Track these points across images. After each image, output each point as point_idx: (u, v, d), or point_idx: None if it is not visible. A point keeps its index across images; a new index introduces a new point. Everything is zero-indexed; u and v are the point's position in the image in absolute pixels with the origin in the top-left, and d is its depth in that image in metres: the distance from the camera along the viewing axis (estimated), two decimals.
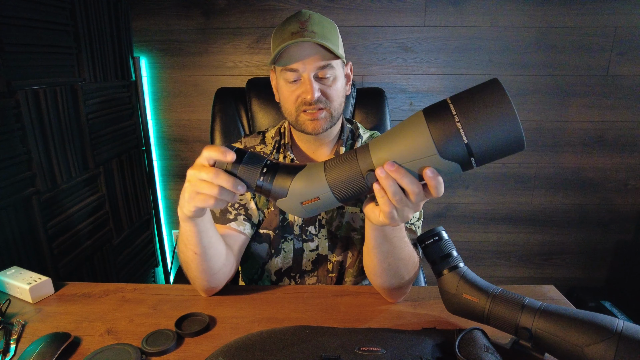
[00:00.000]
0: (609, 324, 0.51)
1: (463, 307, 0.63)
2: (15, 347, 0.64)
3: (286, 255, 0.91)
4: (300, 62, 0.77)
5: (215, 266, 0.73)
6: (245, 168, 0.54)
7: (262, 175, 0.54)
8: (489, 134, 0.43)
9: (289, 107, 0.82)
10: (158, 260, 1.84)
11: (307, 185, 0.52)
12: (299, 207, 0.54)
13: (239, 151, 0.55)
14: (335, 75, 0.81)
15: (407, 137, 0.47)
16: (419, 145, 0.45)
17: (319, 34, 0.77)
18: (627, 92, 1.63)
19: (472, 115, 0.43)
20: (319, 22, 0.79)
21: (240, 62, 1.64)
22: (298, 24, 0.78)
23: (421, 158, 0.46)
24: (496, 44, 1.59)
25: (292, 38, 0.75)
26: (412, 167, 0.47)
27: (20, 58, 1.05)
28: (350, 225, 0.89)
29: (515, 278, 1.89)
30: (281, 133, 0.93)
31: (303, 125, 0.82)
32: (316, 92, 0.78)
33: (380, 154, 0.49)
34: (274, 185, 0.54)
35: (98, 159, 1.36)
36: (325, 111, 0.81)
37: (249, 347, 0.61)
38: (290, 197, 0.53)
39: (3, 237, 0.99)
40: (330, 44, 0.76)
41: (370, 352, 0.59)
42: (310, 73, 0.78)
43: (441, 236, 0.66)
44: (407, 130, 0.47)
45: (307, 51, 0.77)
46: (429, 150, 0.45)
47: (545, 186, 1.75)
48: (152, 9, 1.59)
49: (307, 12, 0.81)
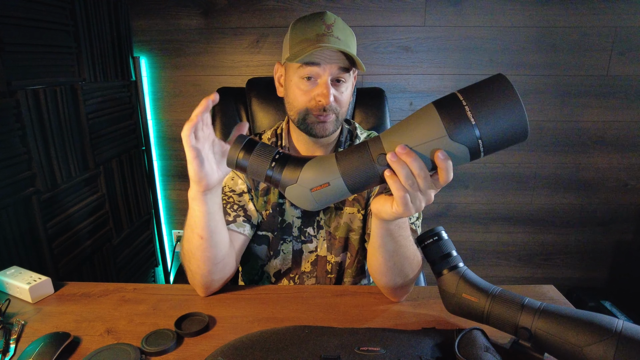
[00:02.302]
0: (608, 324, 0.51)
1: (463, 307, 0.63)
2: (15, 346, 0.64)
3: (285, 257, 0.91)
4: (324, 63, 0.76)
5: (219, 254, 0.73)
6: (255, 157, 0.55)
7: (273, 163, 0.54)
8: (496, 117, 0.45)
9: (298, 105, 0.80)
10: (158, 260, 1.84)
11: (318, 172, 0.53)
12: (308, 194, 0.54)
13: (251, 141, 0.56)
14: (348, 82, 0.81)
15: (417, 123, 0.49)
16: (429, 129, 0.47)
17: (343, 41, 0.76)
18: (627, 92, 1.63)
19: (480, 102, 0.45)
20: (343, 29, 0.79)
21: (240, 62, 1.64)
22: (324, 26, 0.76)
23: (431, 140, 0.47)
24: (496, 44, 1.59)
25: (317, 38, 0.75)
26: (423, 150, 0.49)
27: (20, 58, 1.05)
28: (349, 226, 0.89)
29: (515, 278, 1.89)
30: (277, 134, 0.93)
31: (310, 126, 0.81)
32: (332, 97, 0.78)
33: (392, 138, 0.50)
34: (283, 174, 0.54)
35: (98, 159, 1.37)
36: (334, 115, 0.81)
37: (249, 347, 0.61)
38: (300, 184, 0.53)
39: (3, 237, 0.99)
40: (353, 52, 0.77)
41: (370, 352, 0.59)
42: (329, 77, 0.78)
43: (441, 236, 0.66)
44: (418, 117, 0.49)
45: (331, 55, 0.76)
46: (439, 132, 0.47)
47: (545, 186, 1.75)
48: (152, 9, 1.59)
49: (332, 15, 0.79)
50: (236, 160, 0.56)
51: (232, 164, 0.57)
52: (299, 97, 0.80)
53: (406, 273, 0.71)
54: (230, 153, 0.56)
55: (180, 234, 1.87)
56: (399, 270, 0.70)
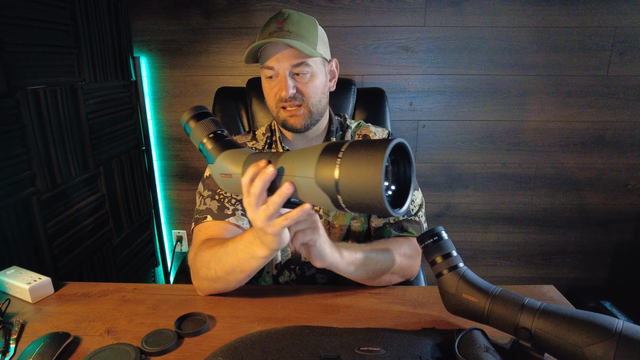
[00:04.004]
0: (608, 324, 0.51)
1: (463, 307, 0.63)
2: (14, 346, 0.64)
3: (285, 248, 0.91)
4: (275, 60, 0.80)
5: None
6: (200, 125, 0.62)
7: (208, 137, 0.61)
8: (356, 182, 0.45)
9: (270, 103, 0.86)
10: (158, 260, 1.84)
11: (228, 162, 0.59)
12: (219, 177, 0.61)
13: (204, 113, 0.63)
14: (313, 72, 0.82)
15: (303, 156, 0.51)
16: (307, 166, 0.50)
17: (294, 33, 0.79)
18: (627, 92, 1.63)
19: (351, 160, 0.45)
20: (297, 21, 0.81)
21: (240, 62, 1.64)
22: (276, 24, 0.81)
23: (304, 177, 0.50)
24: (496, 44, 1.59)
25: (268, 37, 0.79)
26: (296, 181, 0.51)
27: (20, 58, 1.05)
28: (349, 214, 0.90)
29: (515, 278, 1.89)
30: (272, 130, 0.96)
31: (283, 121, 0.85)
32: (290, 89, 0.81)
33: (288, 158, 0.53)
34: (210, 150, 0.61)
35: (98, 159, 1.37)
36: (303, 108, 0.83)
37: (249, 347, 0.61)
38: (216, 165, 0.61)
39: (3, 237, 0.99)
40: (305, 42, 0.79)
41: (370, 352, 0.59)
42: (286, 71, 0.81)
43: (441, 236, 0.66)
44: (310, 150, 0.51)
45: (282, 50, 0.79)
46: (310, 173, 0.49)
47: (545, 186, 1.75)
48: (152, 9, 1.59)
49: (287, 11, 0.83)
50: (184, 123, 0.63)
51: (182, 122, 0.64)
52: (268, 94, 0.86)
53: (383, 275, 0.79)
54: (185, 113, 0.63)
55: (180, 234, 1.87)
56: (375, 277, 0.78)
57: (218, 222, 0.84)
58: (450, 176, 1.76)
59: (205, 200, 0.87)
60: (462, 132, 1.70)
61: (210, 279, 0.74)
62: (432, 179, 1.76)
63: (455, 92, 1.65)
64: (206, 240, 0.79)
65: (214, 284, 0.75)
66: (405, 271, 0.82)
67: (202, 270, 0.74)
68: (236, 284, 0.73)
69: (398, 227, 0.87)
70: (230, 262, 0.68)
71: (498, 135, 1.70)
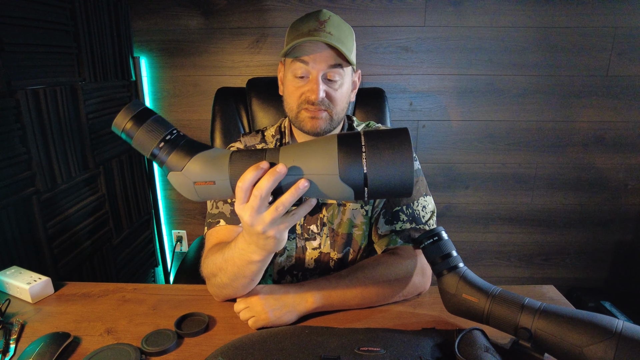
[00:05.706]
0: (608, 324, 0.51)
1: (463, 307, 0.63)
2: (14, 346, 0.64)
3: (289, 254, 0.91)
4: (312, 58, 0.77)
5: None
6: (145, 131, 0.51)
7: (162, 143, 0.51)
8: (386, 173, 0.46)
9: (292, 102, 0.82)
10: (158, 260, 1.84)
11: (206, 168, 0.51)
12: (191, 186, 0.52)
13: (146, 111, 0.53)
14: (343, 79, 0.81)
15: (317, 151, 0.49)
16: (324, 163, 0.48)
17: (335, 36, 0.76)
18: (627, 92, 1.63)
19: (378, 153, 0.46)
20: (338, 25, 0.79)
21: (240, 62, 1.64)
22: (317, 23, 0.78)
23: (323, 174, 0.48)
24: (496, 44, 1.59)
25: (308, 35, 0.75)
26: (313, 178, 0.49)
27: (20, 58, 1.05)
28: (352, 222, 0.89)
29: (515, 278, 1.89)
30: (281, 131, 0.93)
31: (302, 123, 0.82)
32: (321, 93, 0.78)
33: (291, 155, 0.50)
34: (170, 158, 0.52)
35: (98, 159, 1.37)
36: (327, 112, 0.81)
37: (249, 347, 0.61)
38: (185, 174, 0.51)
39: (3, 237, 0.99)
40: (344, 48, 0.76)
41: (370, 352, 0.59)
42: (319, 72, 0.78)
43: (441, 236, 0.66)
44: (319, 146, 0.49)
45: (321, 50, 0.77)
46: (331, 170, 0.47)
47: (545, 186, 1.75)
48: (152, 9, 1.59)
49: (328, 12, 0.80)
50: (123, 128, 0.52)
51: (117, 130, 0.53)
52: (292, 93, 0.82)
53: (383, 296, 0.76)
54: (119, 118, 0.52)
55: (180, 234, 1.87)
56: (374, 300, 0.76)
57: (231, 226, 0.83)
58: (450, 176, 1.76)
59: (217, 204, 0.86)
60: (462, 132, 1.70)
61: (219, 286, 0.73)
62: (432, 179, 1.76)
63: (455, 92, 1.65)
64: (214, 246, 0.78)
65: (224, 291, 0.74)
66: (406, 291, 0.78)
67: (211, 279, 0.74)
68: (244, 289, 0.71)
69: (405, 235, 0.83)
70: (231, 270, 0.68)
71: (498, 135, 1.70)
